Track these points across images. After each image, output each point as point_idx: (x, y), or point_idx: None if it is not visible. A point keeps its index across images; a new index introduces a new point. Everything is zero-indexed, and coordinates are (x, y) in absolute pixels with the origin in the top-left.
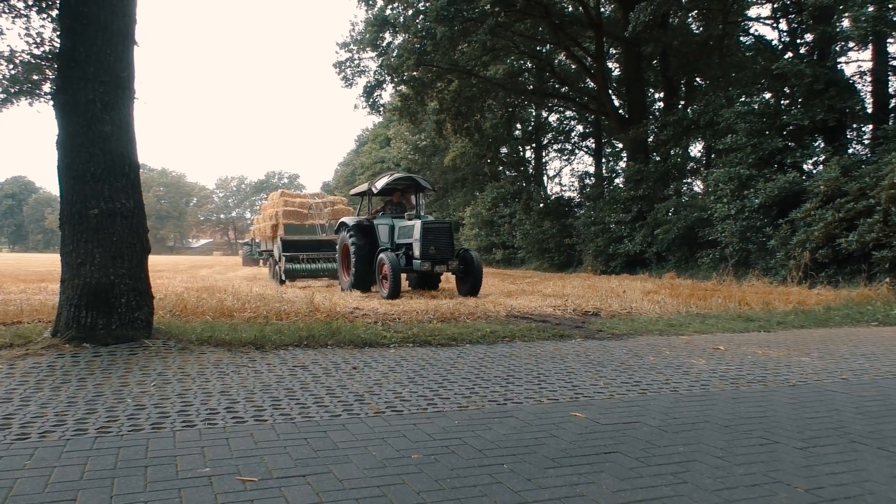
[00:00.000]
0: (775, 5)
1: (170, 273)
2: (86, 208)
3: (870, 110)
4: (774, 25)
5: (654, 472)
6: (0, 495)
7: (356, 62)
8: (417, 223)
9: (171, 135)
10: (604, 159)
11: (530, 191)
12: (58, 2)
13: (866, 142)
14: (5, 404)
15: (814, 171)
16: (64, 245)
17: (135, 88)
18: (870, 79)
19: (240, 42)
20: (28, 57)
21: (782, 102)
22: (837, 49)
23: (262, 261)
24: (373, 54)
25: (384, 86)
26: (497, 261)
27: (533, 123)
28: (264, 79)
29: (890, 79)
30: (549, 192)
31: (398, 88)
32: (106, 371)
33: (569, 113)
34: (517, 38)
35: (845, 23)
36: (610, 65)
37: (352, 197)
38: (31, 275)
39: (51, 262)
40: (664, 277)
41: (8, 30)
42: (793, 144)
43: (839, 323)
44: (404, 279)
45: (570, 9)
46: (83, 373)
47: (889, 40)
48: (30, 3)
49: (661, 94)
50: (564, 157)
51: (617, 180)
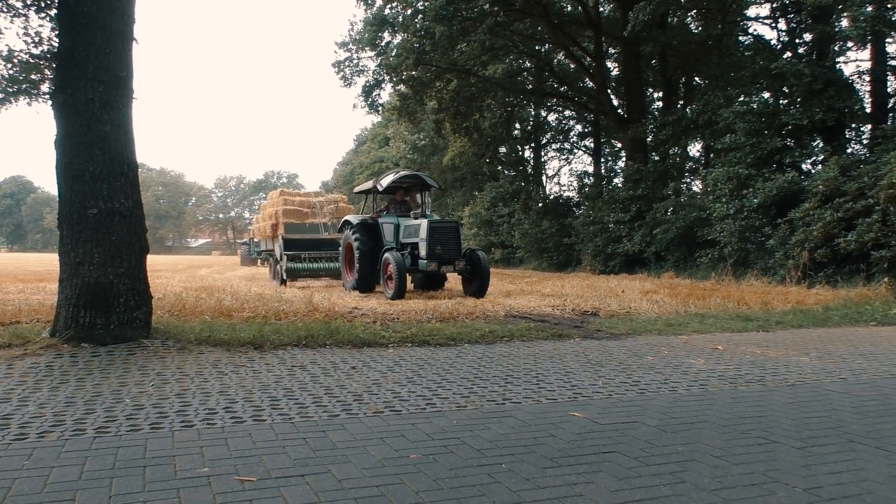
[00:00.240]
0: (774, 5)
1: (168, 273)
2: (84, 208)
3: (868, 110)
4: (773, 25)
5: (652, 472)
6: None
7: (355, 62)
8: (424, 222)
9: (170, 134)
10: (602, 159)
11: (529, 190)
12: (56, 1)
13: (865, 141)
14: (4, 404)
15: (812, 171)
16: (62, 245)
17: (133, 88)
18: (868, 78)
19: (238, 41)
20: (27, 56)
21: (781, 102)
22: (836, 49)
23: (260, 261)
24: (371, 54)
25: (383, 85)
26: (496, 260)
27: (532, 123)
28: (263, 78)
29: (888, 78)
30: (547, 192)
31: (397, 88)
32: (104, 371)
33: (568, 112)
34: (516, 37)
35: (844, 22)
36: (609, 64)
37: (354, 195)
38: (29, 274)
39: (49, 261)
40: (663, 277)
41: (6, 29)
42: (791, 144)
43: (838, 323)
44: (409, 279)
45: (569, 8)
46: (82, 373)
47: (888, 40)
48: (28, 2)
49: (660, 94)
50: (563, 157)
51: (616, 180)
